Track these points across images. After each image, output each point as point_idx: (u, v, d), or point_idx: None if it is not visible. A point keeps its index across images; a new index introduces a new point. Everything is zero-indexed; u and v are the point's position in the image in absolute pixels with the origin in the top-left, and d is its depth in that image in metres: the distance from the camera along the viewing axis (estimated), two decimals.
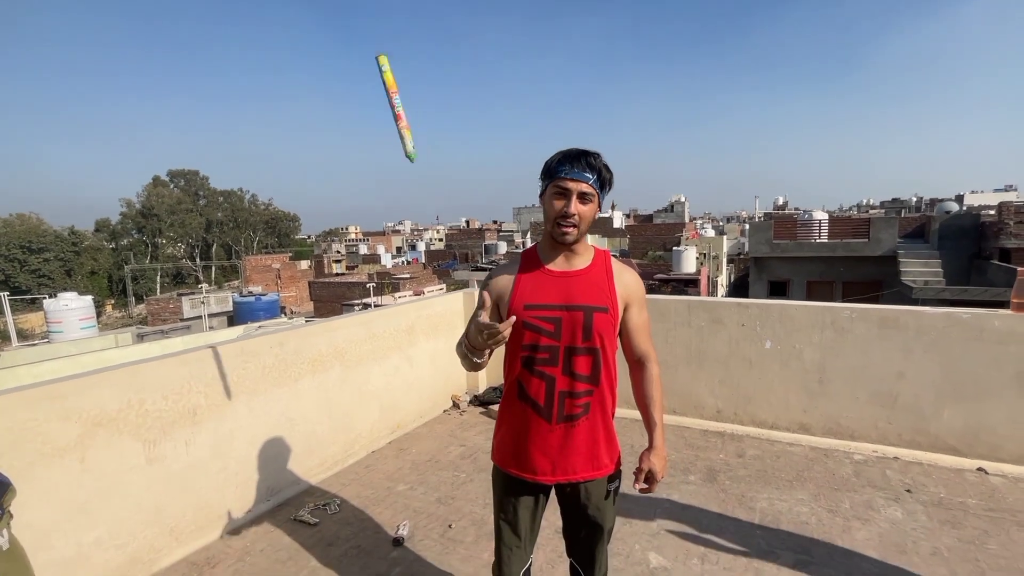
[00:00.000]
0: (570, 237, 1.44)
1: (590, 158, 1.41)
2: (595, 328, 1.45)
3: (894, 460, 3.17)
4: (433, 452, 3.59)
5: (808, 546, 2.41)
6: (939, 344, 3.09)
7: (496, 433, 1.64)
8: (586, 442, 1.51)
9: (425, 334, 4.22)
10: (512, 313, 1.47)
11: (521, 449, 1.53)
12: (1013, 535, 2.43)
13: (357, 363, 3.57)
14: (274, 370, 3.00)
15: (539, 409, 1.49)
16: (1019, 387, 2.94)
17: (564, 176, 1.40)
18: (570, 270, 1.50)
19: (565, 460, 1.51)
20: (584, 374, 1.47)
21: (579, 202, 1.41)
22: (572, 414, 1.49)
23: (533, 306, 1.47)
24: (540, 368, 1.48)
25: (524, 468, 1.54)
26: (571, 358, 1.46)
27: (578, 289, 1.48)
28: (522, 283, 1.50)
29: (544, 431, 1.50)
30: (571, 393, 1.48)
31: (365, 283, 29.88)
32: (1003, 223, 12.31)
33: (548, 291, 1.48)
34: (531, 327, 1.47)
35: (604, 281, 1.50)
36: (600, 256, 1.55)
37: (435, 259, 44.95)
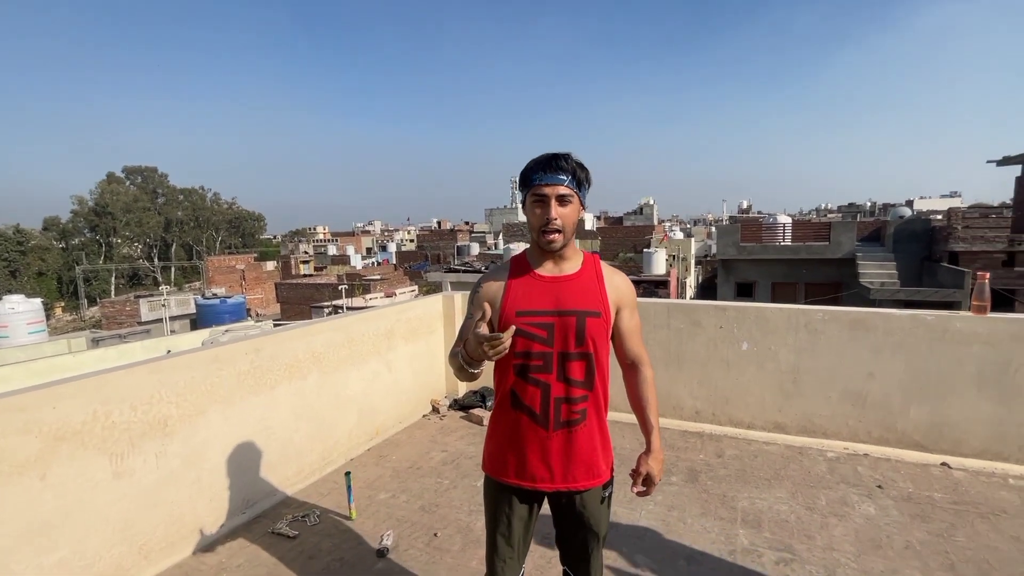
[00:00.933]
0: (556, 244, 1.43)
1: (561, 160, 1.40)
2: (588, 333, 1.44)
3: (864, 457, 3.29)
4: (414, 458, 3.53)
5: (789, 543, 2.47)
6: (906, 344, 3.23)
7: (488, 443, 1.60)
8: (585, 449, 1.50)
9: (404, 338, 4.15)
10: (503, 320, 1.46)
11: (518, 457, 1.51)
12: (977, 527, 2.55)
13: (335, 368, 3.48)
14: (250, 377, 2.89)
15: (535, 416, 1.47)
16: (979, 385, 3.09)
17: (539, 183, 1.40)
18: (561, 275, 1.49)
19: (565, 468, 1.49)
20: (579, 379, 1.46)
21: (559, 205, 1.40)
22: (570, 420, 1.47)
23: (525, 312, 1.45)
24: (534, 375, 1.46)
25: (522, 476, 1.51)
26: (565, 364, 1.45)
27: (569, 294, 1.47)
28: (512, 289, 1.48)
29: (542, 438, 1.48)
30: (567, 399, 1.46)
31: (335, 284, 29.33)
32: (951, 228, 13.03)
33: (539, 297, 1.47)
34: (524, 334, 1.44)
35: (595, 285, 1.50)
36: (590, 260, 1.54)
37: (406, 260, 44.45)
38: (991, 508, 2.69)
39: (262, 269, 40.49)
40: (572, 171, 1.41)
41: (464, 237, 47.86)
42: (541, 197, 1.40)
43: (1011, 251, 12.51)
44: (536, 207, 1.42)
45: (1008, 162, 13.95)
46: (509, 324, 1.43)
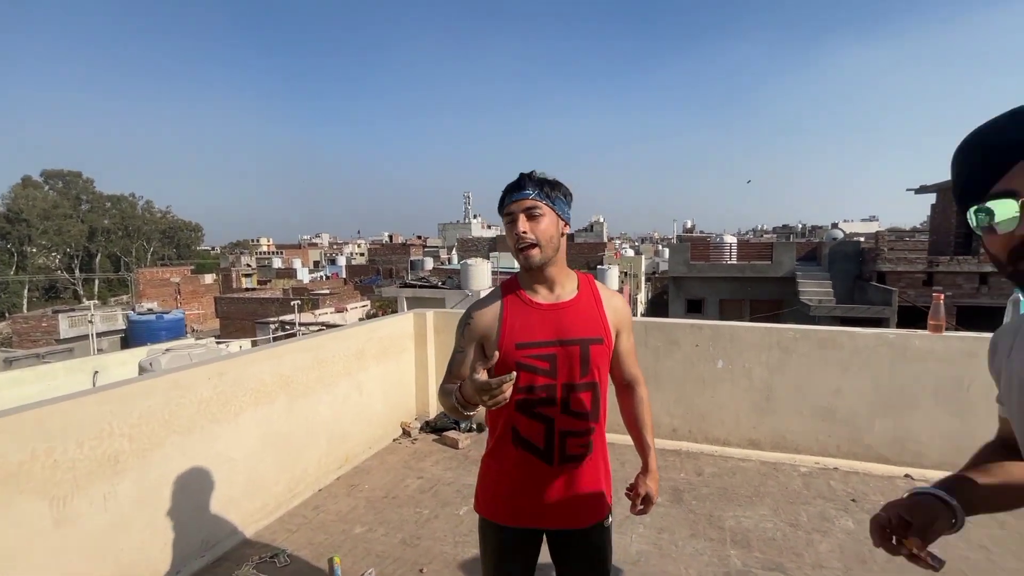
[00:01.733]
0: (534, 258, 1.34)
1: (523, 178, 1.36)
2: (592, 361, 1.37)
3: (835, 471, 3.41)
4: (388, 486, 3.33)
5: (780, 562, 2.49)
6: (871, 362, 3.39)
7: (483, 483, 1.49)
8: (590, 483, 1.42)
9: (375, 358, 3.95)
10: (503, 353, 1.35)
11: (519, 498, 1.40)
12: (949, 537, 2.65)
13: (304, 392, 3.25)
14: (212, 404, 2.64)
15: (539, 452, 1.38)
16: (937, 400, 3.28)
17: (507, 203, 1.36)
18: (559, 301, 1.40)
19: (570, 505, 1.40)
20: (584, 411, 1.38)
21: (527, 219, 1.33)
22: (576, 454, 1.39)
23: (525, 344, 1.35)
24: (537, 410, 1.37)
25: (523, 518, 1.41)
26: (570, 395, 1.37)
27: (571, 321, 1.38)
28: (509, 320, 1.38)
29: (545, 474, 1.39)
30: (572, 433, 1.38)
31: (280, 299, 28.04)
32: (879, 249, 14.11)
33: (539, 326, 1.37)
34: (525, 367, 1.34)
35: (595, 309, 1.42)
36: (585, 282, 1.46)
37: (357, 274, 43.25)
38: None
39: (199, 282, 38.16)
40: (537, 184, 1.36)
41: (417, 251, 47.22)
42: (510, 215, 1.35)
43: (930, 271, 13.68)
44: (509, 228, 1.36)
45: (924, 191, 15.34)
46: (510, 357, 1.34)
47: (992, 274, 13.55)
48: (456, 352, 1.45)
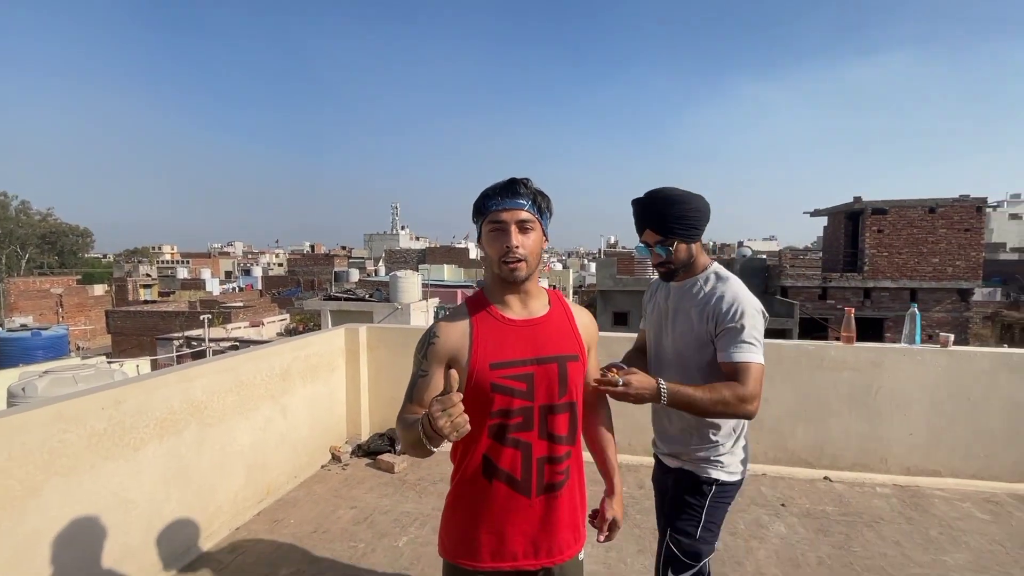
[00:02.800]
0: (521, 272, 1.26)
1: (519, 184, 1.27)
2: (571, 379, 1.30)
3: (764, 476, 3.57)
4: (318, 519, 3.04)
5: (724, 572, 2.53)
6: (792, 372, 3.61)
7: (449, 522, 1.36)
8: (568, 512, 1.34)
9: (302, 377, 3.64)
10: (476, 375, 1.24)
11: (493, 535, 1.29)
12: (867, 536, 2.86)
13: (220, 419, 2.90)
14: (107, 438, 2.26)
15: (516, 484, 1.28)
16: (850, 406, 3.55)
17: (496, 208, 1.25)
18: (532, 317, 1.32)
19: (550, 538, 1.31)
20: (562, 434, 1.31)
21: (519, 232, 1.25)
22: (554, 483, 1.30)
23: (500, 364, 1.26)
24: (514, 435, 1.27)
25: (501, 557, 1.29)
26: (547, 418, 1.29)
27: (546, 338, 1.31)
28: (481, 338, 1.27)
29: (522, 508, 1.29)
30: (550, 458, 1.30)
31: (186, 312, 25.68)
32: (782, 266, 15.50)
33: (514, 344, 1.28)
34: (501, 389, 1.25)
35: (568, 325, 1.36)
36: (555, 297, 1.40)
37: (275, 286, 40.69)
38: (872, 516, 3.05)
39: (87, 294, 34.07)
40: (532, 196, 1.28)
41: (342, 263, 45.33)
42: (499, 224, 1.25)
43: (824, 287, 15.20)
44: (494, 236, 1.26)
45: (818, 214, 17.09)
46: (484, 379, 1.24)
47: (874, 289, 15.31)
48: (418, 376, 1.30)
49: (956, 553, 2.70)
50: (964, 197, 14.51)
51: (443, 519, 1.38)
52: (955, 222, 14.46)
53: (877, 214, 14.82)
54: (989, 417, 3.43)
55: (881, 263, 14.88)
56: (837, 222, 16.62)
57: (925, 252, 14.58)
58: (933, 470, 3.49)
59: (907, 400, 3.49)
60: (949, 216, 14.43)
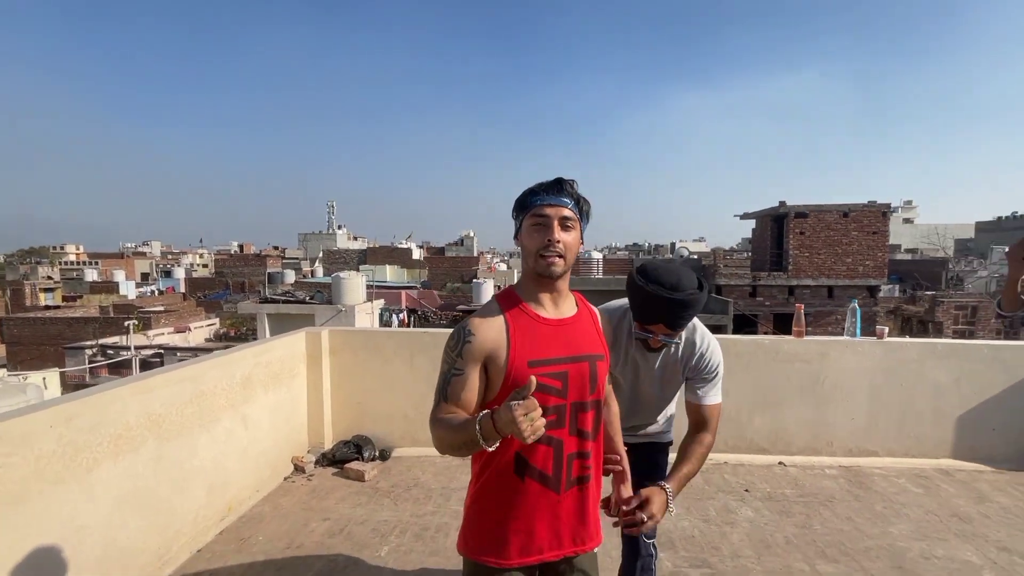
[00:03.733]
0: (557, 268, 1.28)
1: (567, 184, 1.29)
2: (599, 378, 1.35)
3: (726, 464, 3.77)
4: (289, 535, 2.88)
5: (704, 558, 2.65)
6: (750, 365, 3.84)
7: (475, 521, 1.34)
8: (593, 505, 1.39)
9: (264, 385, 3.43)
10: (514, 372, 1.25)
11: (523, 532, 1.30)
12: (823, 514, 3.09)
13: (179, 432, 2.67)
14: (56, 460, 2.02)
15: (547, 480, 1.30)
16: (801, 395, 3.83)
17: (541, 203, 1.28)
18: (565, 317, 1.35)
19: (575, 531, 1.34)
20: (590, 430, 1.35)
21: (561, 229, 1.27)
22: (582, 476, 1.34)
23: (538, 362, 1.27)
24: (547, 433, 1.26)
25: (528, 552, 1.31)
26: (578, 415, 1.32)
27: (578, 337, 1.34)
28: (518, 335, 1.28)
29: (552, 503, 1.31)
30: (579, 454, 1.33)
31: (99, 318, 23.45)
32: (716, 265, 16.44)
33: (550, 343, 1.30)
34: (539, 387, 1.22)
35: (593, 327, 1.41)
36: (581, 300, 1.45)
37: (201, 288, 37.97)
38: (825, 497, 3.31)
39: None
40: (576, 197, 1.30)
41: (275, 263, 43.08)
42: (542, 219, 1.27)
43: (754, 285, 16.28)
44: (536, 230, 1.27)
45: (747, 216, 18.28)
46: (522, 376, 1.23)
47: (797, 287, 16.58)
48: (452, 374, 1.28)
49: (900, 524, 2.98)
50: (872, 203, 16.06)
51: (466, 517, 1.37)
52: (865, 225, 15.98)
53: (799, 218, 16.07)
54: (917, 400, 3.82)
55: (803, 263, 16.15)
56: (764, 225, 17.86)
57: (840, 253, 16.00)
58: (872, 451, 3.84)
59: (850, 388, 3.82)
60: (860, 220, 15.92)
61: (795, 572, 2.54)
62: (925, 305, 19.68)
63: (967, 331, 17.43)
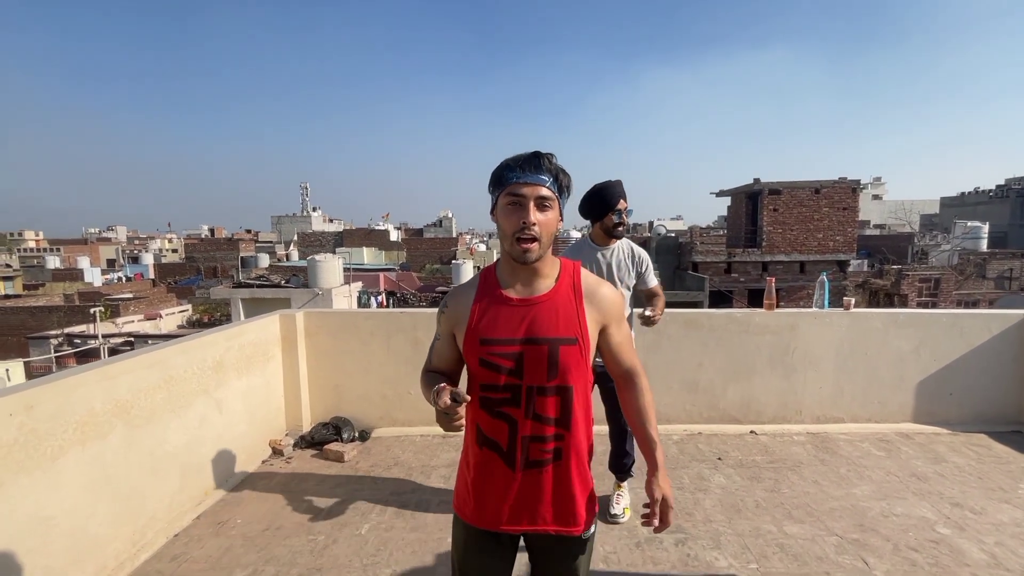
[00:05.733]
0: (532, 255, 1.24)
1: (543, 159, 1.24)
2: (561, 364, 1.27)
3: (700, 435, 3.88)
4: (269, 517, 2.86)
5: (679, 524, 2.73)
6: (724, 338, 3.93)
7: (458, 478, 1.44)
8: (557, 491, 1.32)
9: (237, 369, 3.37)
10: (467, 346, 1.32)
11: (483, 497, 1.34)
12: (791, 479, 3.22)
13: (148, 419, 2.62)
14: (17, 449, 1.96)
15: (502, 453, 1.31)
16: (771, 366, 3.94)
17: (516, 181, 1.23)
18: (532, 296, 1.30)
19: (531, 507, 1.32)
20: (552, 416, 1.29)
21: (537, 210, 1.23)
22: (540, 460, 1.31)
23: (489, 340, 1.28)
24: (501, 409, 1.30)
25: (484, 519, 1.34)
26: (535, 399, 1.28)
27: (542, 319, 1.28)
28: (478, 313, 1.30)
29: (507, 477, 1.31)
30: (536, 438, 1.29)
31: (63, 307, 22.65)
32: (693, 243, 16.65)
33: (506, 322, 1.28)
34: (488, 365, 1.28)
35: (571, 306, 1.31)
36: (567, 273, 1.35)
37: (171, 274, 36.92)
38: (793, 462, 3.43)
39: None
40: (555, 173, 1.26)
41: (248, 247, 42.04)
42: (518, 198, 1.22)
43: (729, 261, 16.57)
44: (511, 210, 1.23)
45: (723, 194, 18.49)
46: (473, 352, 1.30)
47: (770, 263, 16.93)
48: (435, 338, 1.42)
49: (863, 485, 3.12)
50: (842, 179, 16.40)
51: (458, 472, 1.45)
52: (835, 201, 16.33)
53: (773, 194, 16.33)
54: (880, 368, 3.96)
55: (776, 239, 16.48)
56: (739, 202, 18.11)
57: (812, 228, 16.36)
58: (838, 417, 3.99)
59: (817, 357, 3.94)
60: (831, 196, 16.26)
61: (764, 534, 2.64)
62: (892, 279, 20.36)
63: (930, 302, 18.12)
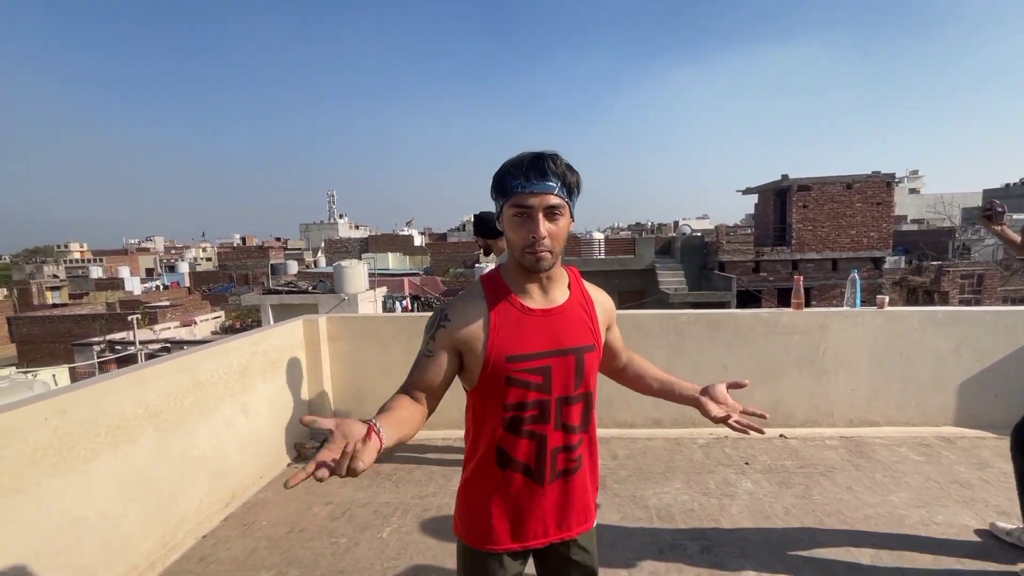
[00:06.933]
0: (546, 263, 1.19)
1: (548, 161, 1.15)
2: (587, 371, 1.26)
3: (726, 439, 3.77)
4: (292, 519, 2.91)
5: (704, 531, 2.66)
6: (750, 339, 3.82)
7: (465, 507, 1.33)
8: (580, 495, 1.33)
9: (262, 374, 3.44)
10: (492, 367, 1.19)
11: (509, 520, 1.28)
12: (823, 484, 3.10)
13: (178, 423, 2.69)
14: (52, 451, 2.04)
15: (531, 472, 1.26)
16: (800, 367, 3.81)
17: (522, 191, 1.14)
18: (553, 306, 1.26)
19: (560, 519, 1.31)
20: (576, 424, 1.29)
21: (546, 220, 1.15)
22: (568, 469, 1.29)
23: (518, 357, 1.20)
24: (529, 428, 1.24)
25: (515, 538, 1.29)
26: (563, 409, 1.26)
27: (566, 328, 1.25)
28: (498, 327, 1.21)
29: (537, 495, 1.27)
30: (565, 447, 1.28)
31: (105, 315, 23.66)
32: (719, 242, 16.31)
33: (532, 336, 1.22)
34: (517, 383, 1.21)
35: (586, 311, 1.30)
36: (574, 279, 1.34)
37: (205, 282, 38.18)
38: (825, 467, 3.31)
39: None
40: (562, 175, 1.18)
41: (278, 255, 43.13)
42: (525, 210, 1.15)
43: (757, 260, 16.16)
44: (518, 223, 1.16)
45: (750, 192, 18.07)
46: (499, 371, 1.20)
47: (800, 261, 16.46)
48: (423, 355, 1.25)
49: (900, 492, 2.98)
50: (876, 173, 15.83)
51: (458, 501, 1.36)
52: (869, 196, 15.77)
53: (802, 191, 15.87)
54: (918, 369, 3.79)
55: (807, 236, 16.00)
56: (767, 199, 17.67)
57: (844, 225, 15.83)
58: (873, 420, 3.83)
59: (850, 358, 3.79)
60: (864, 191, 15.71)
61: (793, 542, 2.55)
62: (931, 275, 19.53)
63: (973, 300, 17.30)
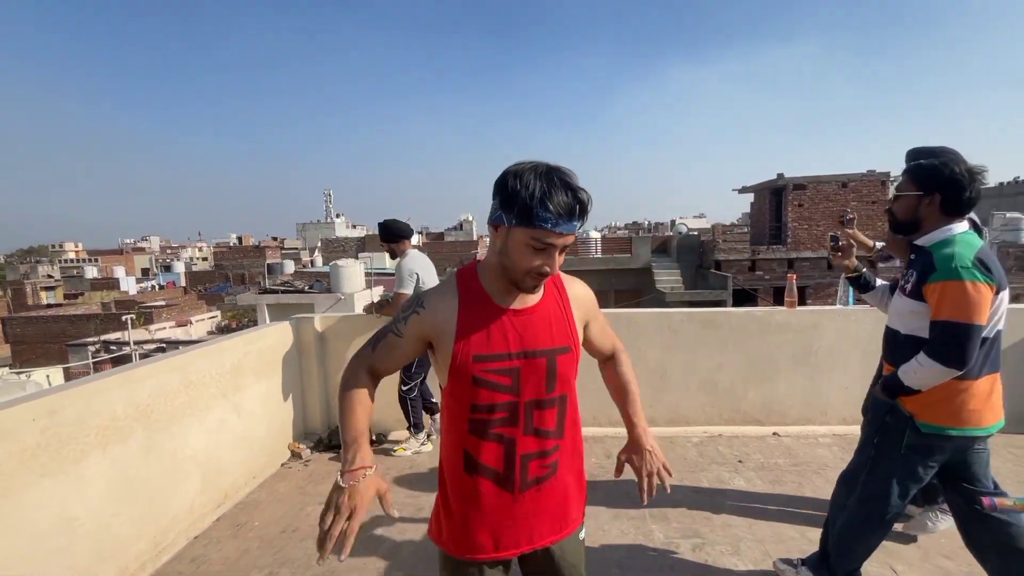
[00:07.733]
0: (540, 289, 1.22)
1: (582, 205, 1.12)
2: (560, 374, 1.23)
3: (720, 437, 3.78)
4: (285, 519, 2.90)
5: (696, 528, 2.66)
6: (743, 338, 3.82)
7: (443, 512, 1.30)
8: (556, 502, 1.29)
9: (255, 373, 3.43)
10: (458, 366, 1.18)
11: (481, 528, 1.25)
12: (816, 482, 3.11)
13: (169, 422, 2.68)
14: (41, 452, 2.03)
15: (499, 478, 1.23)
16: (794, 366, 3.82)
17: (550, 228, 1.09)
18: (526, 306, 1.23)
19: (532, 527, 1.27)
20: (550, 429, 1.25)
21: (559, 254, 1.17)
22: (540, 476, 1.26)
23: (484, 357, 1.18)
24: (496, 430, 1.21)
25: (488, 548, 1.25)
26: (533, 413, 1.23)
27: (538, 329, 1.22)
28: (466, 325, 1.19)
29: (507, 503, 1.24)
30: (537, 454, 1.24)
31: (100, 315, 23.55)
32: (715, 241, 16.35)
33: (502, 336, 1.20)
34: (484, 383, 1.19)
35: (561, 311, 1.27)
36: (551, 278, 1.30)
37: (201, 282, 38.04)
38: (818, 464, 3.32)
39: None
40: (587, 213, 1.14)
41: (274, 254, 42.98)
42: (545, 246, 1.12)
43: (753, 259, 16.21)
44: (531, 252, 1.13)
45: (746, 190, 18.11)
46: (465, 370, 1.18)
47: (796, 260, 16.51)
48: (391, 332, 1.24)
49: None
50: (871, 172, 15.89)
51: (435, 506, 1.33)
52: (864, 195, 15.83)
53: (798, 190, 15.92)
54: None
55: (802, 235, 16.05)
56: (763, 198, 17.71)
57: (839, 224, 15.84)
58: None
59: (842, 357, 3.80)
60: (859, 190, 15.77)
61: (786, 539, 2.56)
62: None
63: None
